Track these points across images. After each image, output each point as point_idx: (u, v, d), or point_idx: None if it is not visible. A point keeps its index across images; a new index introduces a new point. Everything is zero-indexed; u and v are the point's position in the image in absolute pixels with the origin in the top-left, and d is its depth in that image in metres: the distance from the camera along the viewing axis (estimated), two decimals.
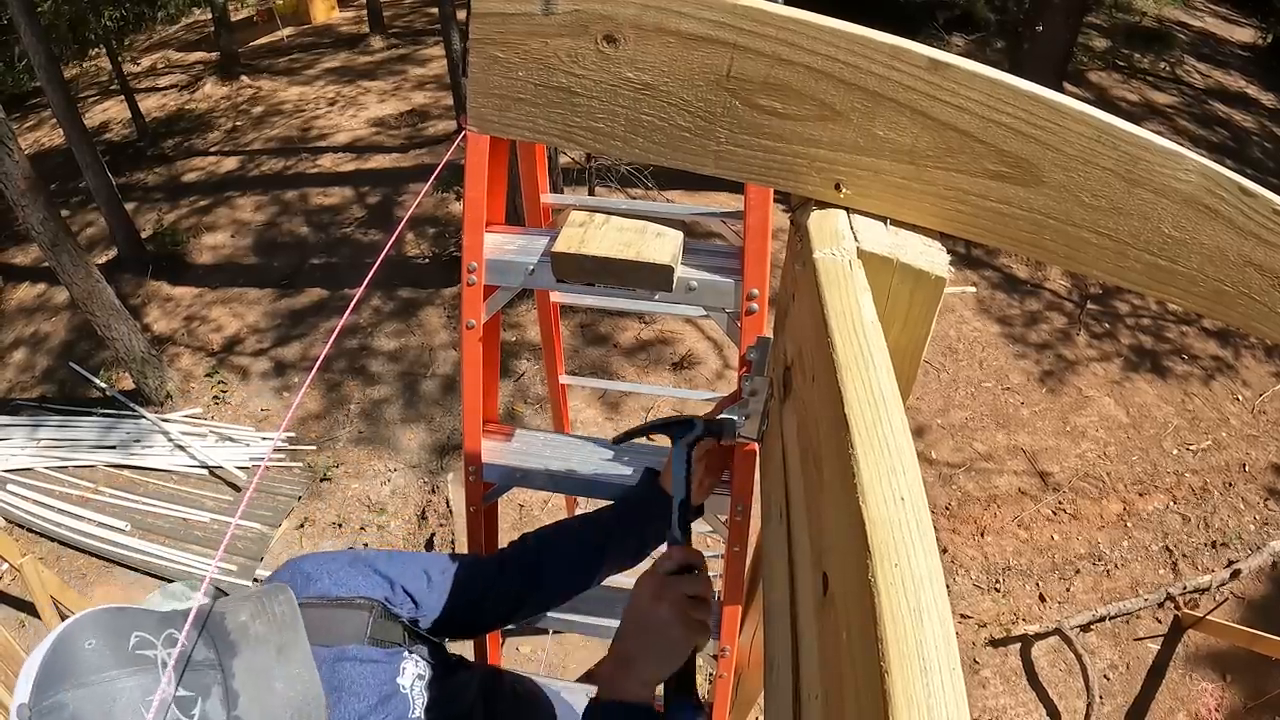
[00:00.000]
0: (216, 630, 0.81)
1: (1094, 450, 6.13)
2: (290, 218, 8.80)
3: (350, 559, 1.04)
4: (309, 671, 0.83)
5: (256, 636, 0.82)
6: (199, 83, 11.86)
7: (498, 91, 0.65)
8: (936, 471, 5.90)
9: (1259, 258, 0.61)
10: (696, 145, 0.65)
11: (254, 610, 0.84)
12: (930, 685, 0.36)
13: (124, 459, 6.19)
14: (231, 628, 0.81)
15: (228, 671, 0.78)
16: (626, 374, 6.58)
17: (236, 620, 0.82)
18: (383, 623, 0.99)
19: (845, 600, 0.45)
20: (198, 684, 0.75)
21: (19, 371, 7.27)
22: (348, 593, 0.99)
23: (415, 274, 7.69)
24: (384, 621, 1.00)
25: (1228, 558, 5.46)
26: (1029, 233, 0.63)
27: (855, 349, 0.52)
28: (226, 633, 0.81)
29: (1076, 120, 0.58)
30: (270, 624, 0.84)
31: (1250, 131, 10.29)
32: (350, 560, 1.04)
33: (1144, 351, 7.01)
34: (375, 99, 11.03)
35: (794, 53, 0.59)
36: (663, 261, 0.99)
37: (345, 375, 6.83)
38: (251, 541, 5.57)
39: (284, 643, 0.83)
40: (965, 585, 5.31)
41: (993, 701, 4.79)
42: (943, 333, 6.91)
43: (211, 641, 0.80)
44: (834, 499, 0.50)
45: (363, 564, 1.04)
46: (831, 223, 0.64)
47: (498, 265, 1.16)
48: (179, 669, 0.75)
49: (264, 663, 0.80)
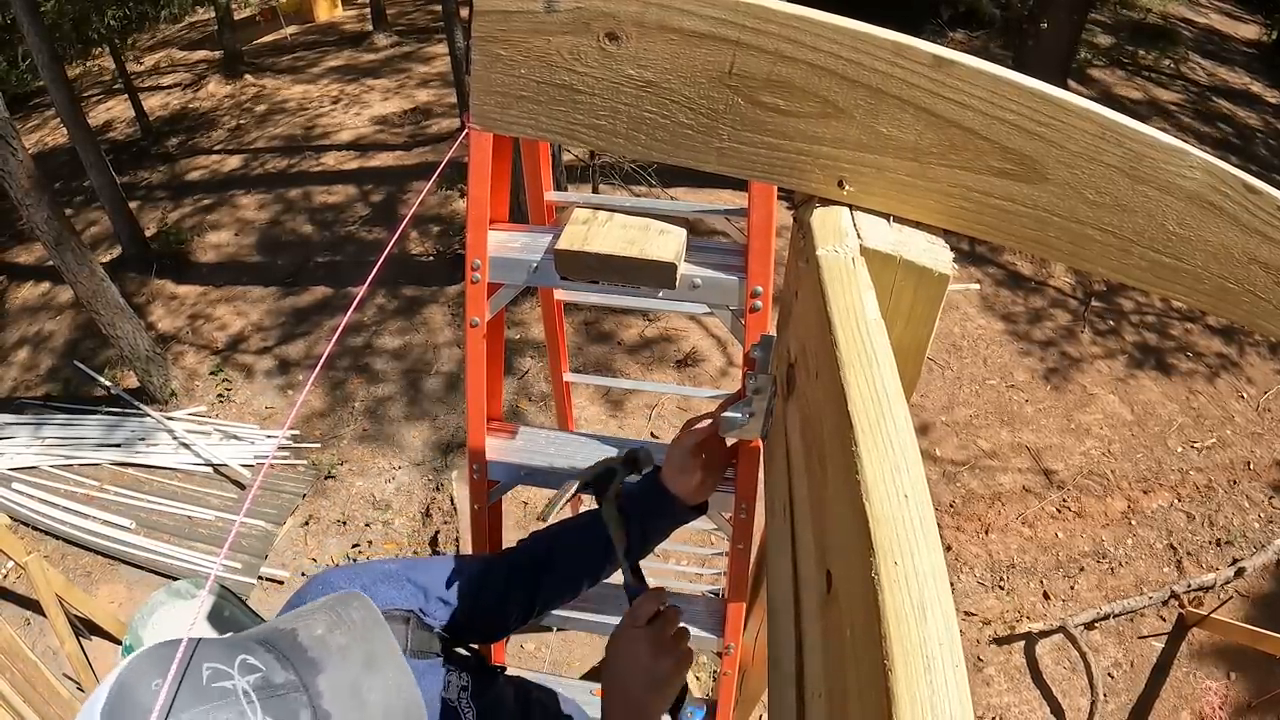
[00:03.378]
0: (290, 648, 0.72)
1: (1098, 448, 6.12)
2: (294, 216, 8.81)
3: (381, 571, 1.02)
4: (404, 677, 0.76)
5: (339, 649, 0.74)
6: (202, 81, 11.88)
7: (500, 89, 0.65)
8: (940, 469, 5.89)
9: (1264, 255, 0.61)
10: (699, 142, 0.65)
11: (329, 621, 0.76)
12: (934, 683, 0.36)
13: (128, 457, 6.21)
14: (308, 644, 0.73)
15: (313, 692, 0.69)
16: (630, 371, 6.58)
17: (312, 635, 0.74)
18: (420, 634, 0.98)
19: (849, 598, 0.45)
20: (284, 710, 0.67)
21: (24, 370, 7.29)
22: (383, 604, 0.93)
23: (419, 272, 7.70)
24: (420, 633, 0.98)
25: (1232, 555, 5.45)
26: (1033, 230, 0.63)
27: (858, 346, 0.52)
28: (303, 650, 0.73)
29: (1080, 117, 0.57)
30: (351, 633, 0.76)
31: (1255, 128, 10.25)
32: (381, 572, 1.02)
33: (1148, 349, 6.99)
34: (378, 97, 11.04)
35: (797, 50, 0.59)
36: (666, 259, 0.99)
37: (349, 373, 6.84)
38: (256, 539, 5.59)
39: (371, 651, 0.76)
40: (969, 583, 5.30)
41: (996, 699, 4.79)
42: (947, 330, 6.90)
43: (288, 661, 0.71)
44: (837, 496, 0.49)
45: (394, 575, 1.01)
46: (835, 220, 0.64)
47: (501, 263, 1.16)
48: (262, 697, 0.67)
49: (352, 676, 0.72)
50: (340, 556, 5.52)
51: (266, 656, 0.71)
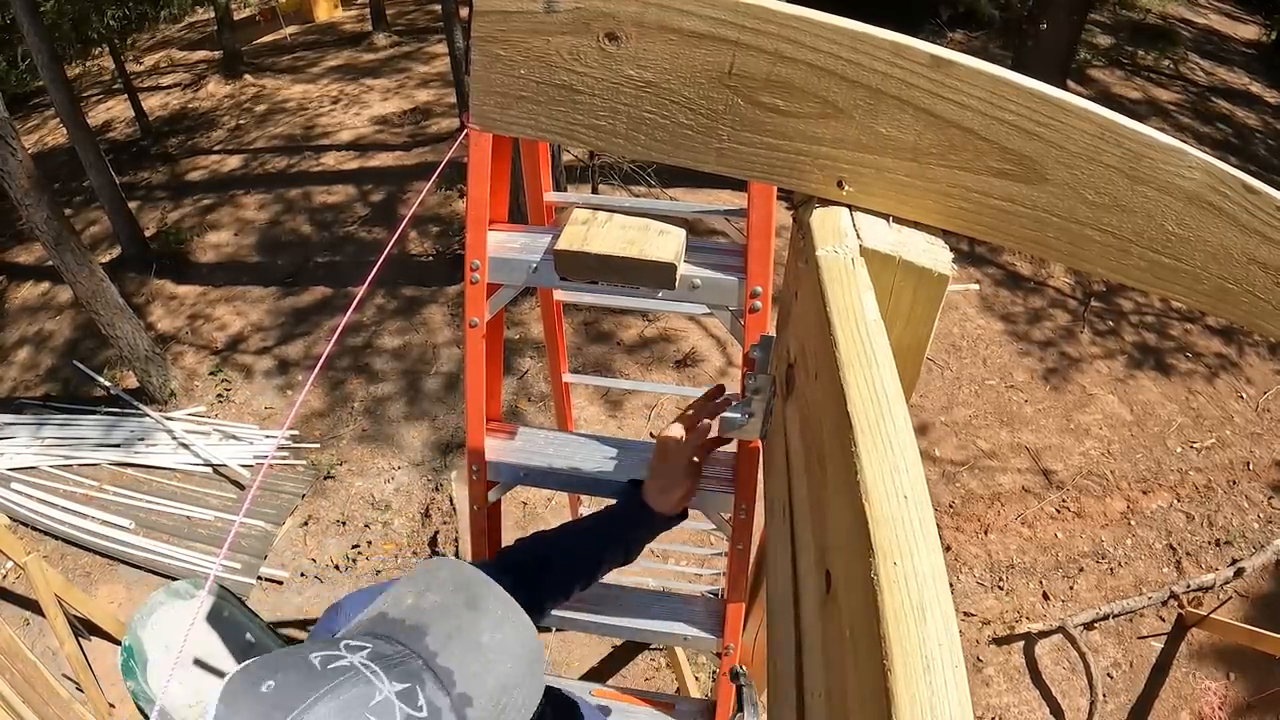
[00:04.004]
0: (386, 626, 0.69)
1: (1098, 448, 6.12)
2: (293, 216, 8.81)
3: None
4: (509, 607, 0.72)
5: (435, 606, 0.70)
6: (202, 81, 11.88)
7: (500, 89, 0.65)
8: (940, 469, 5.89)
9: (1263, 255, 0.61)
10: (699, 143, 0.65)
11: (417, 588, 0.72)
12: (933, 683, 0.36)
13: (128, 457, 6.21)
14: (402, 614, 0.69)
15: (425, 654, 0.66)
16: (629, 372, 6.58)
17: (402, 606, 0.70)
18: None
19: (848, 598, 0.45)
20: (407, 674, 0.64)
21: (23, 370, 7.29)
22: None
23: (418, 272, 7.70)
24: None
25: (1231, 556, 5.45)
26: (1032, 230, 0.63)
27: (858, 347, 0.52)
28: (399, 622, 0.69)
29: (1080, 117, 0.57)
30: (443, 589, 0.72)
31: (1254, 128, 10.26)
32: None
33: (1148, 349, 6.99)
34: (378, 97, 11.04)
35: (796, 50, 0.59)
36: (666, 259, 0.99)
37: (349, 373, 6.84)
38: (255, 539, 5.59)
39: (472, 596, 0.71)
40: (969, 583, 5.30)
41: (996, 700, 4.79)
42: (946, 330, 6.90)
43: (389, 637, 0.68)
44: (837, 497, 0.50)
45: None
46: (834, 220, 0.64)
47: (501, 263, 1.16)
48: (383, 666, 0.64)
49: (459, 624, 0.68)
50: (339, 557, 5.52)
51: (366, 637, 0.67)
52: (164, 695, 2.19)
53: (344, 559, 5.51)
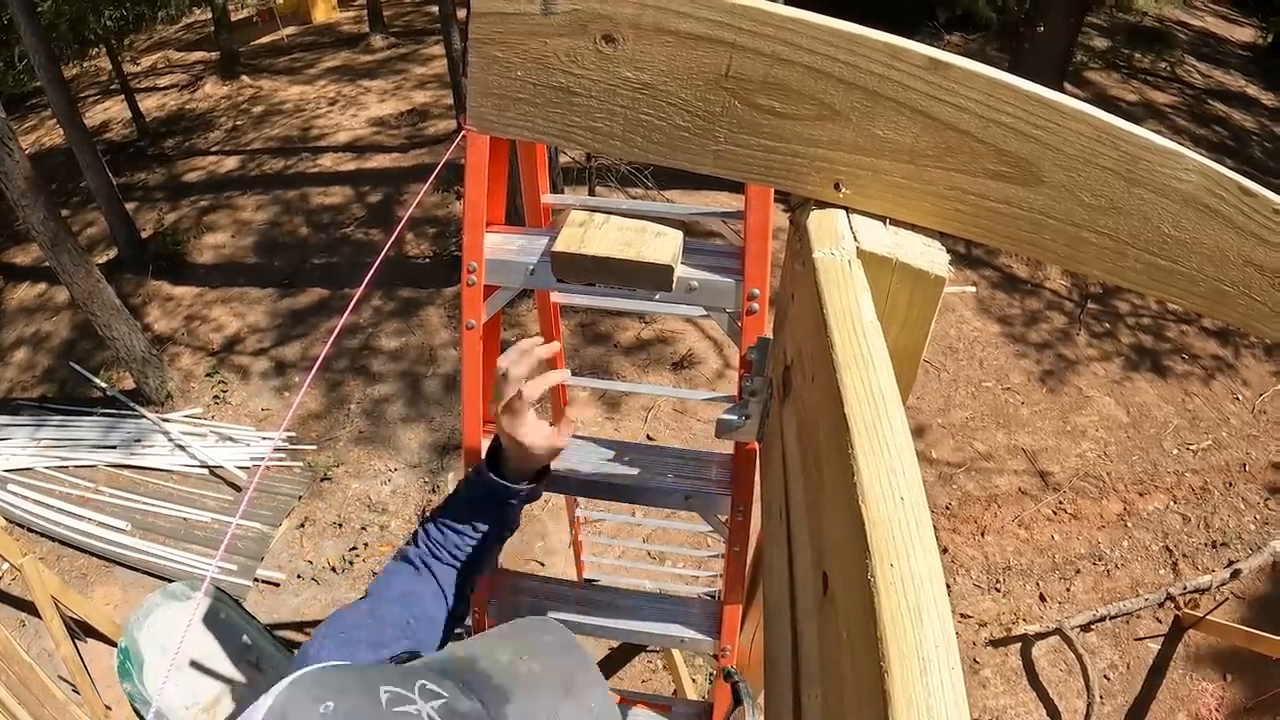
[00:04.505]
0: (473, 677, 0.65)
1: (1094, 450, 6.13)
2: (291, 217, 8.80)
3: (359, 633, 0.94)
4: (608, 707, 0.67)
5: (529, 675, 0.66)
6: (199, 82, 11.87)
7: (497, 91, 0.65)
8: (936, 471, 5.89)
9: (1259, 257, 0.61)
10: (696, 145, 0.65)
11: (516, 648, 0.68)
12: (930, 685, 0.36)
13: (124, 459, 6.19)
14: (492, 670, 0.65)
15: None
16: (626, 373, 6.58)
17: (496, 662, 0.66)
18: None
19: (845, 600, 0.45)
20: None
21: (20, 371, 7.27)
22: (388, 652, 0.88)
23: (416, 274, 7.69)
24: None
25: (1228, 557, 5.45)
26: (1029, 232, 0.63)
27: (855, 349, 0.52)
28: (488, 677, 0.65)
29: (1076, 120, 0.58)
30: (544, 658, 0.68)
31: (1250, 131, 10.28)
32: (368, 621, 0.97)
33: (1144, 351, 7.00)
34: (375, 98, 11.03)
35: (793, 52, 0.59)
36: (663, 261, 0.99)
37: (346, 375, 6.83)
38: (252, 541, 5.57)
39: (569, 677, 0.67)
40: (965, 585, 5.30)
41: (993, 701, 4.79)
42: (943, 332, 6.91)
43: (470, 690, 0.63)
44: (834, 498, 0.49)
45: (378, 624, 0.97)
46: (831, 222, 0.64)
47: (498, 265, 1.16)
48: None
49: (548, 704, 0.64)
50: (336, 559, 5.51)
51: (447, 683, 0.63)
52: (160, 697, 2.18)
53: (341, 561, 5.49)
